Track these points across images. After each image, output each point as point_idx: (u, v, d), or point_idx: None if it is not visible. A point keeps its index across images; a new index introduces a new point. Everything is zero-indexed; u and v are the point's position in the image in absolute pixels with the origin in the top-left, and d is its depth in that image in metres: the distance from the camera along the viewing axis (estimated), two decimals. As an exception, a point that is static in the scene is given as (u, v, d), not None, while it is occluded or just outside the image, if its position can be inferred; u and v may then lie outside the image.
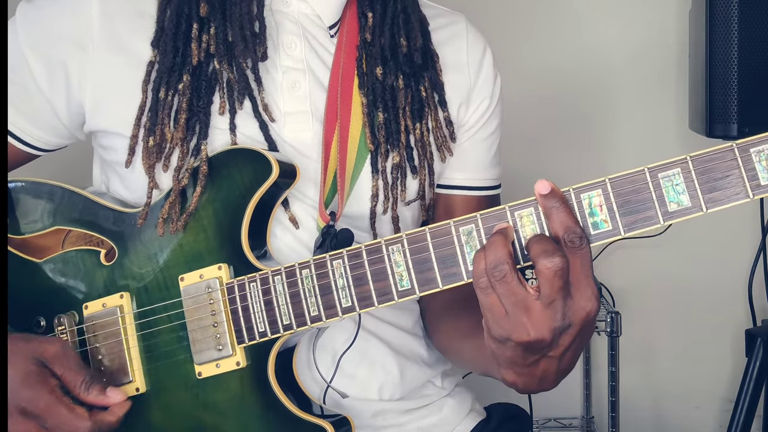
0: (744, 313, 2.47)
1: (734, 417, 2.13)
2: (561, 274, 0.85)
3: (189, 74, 1.09)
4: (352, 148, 1.13)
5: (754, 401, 2.14)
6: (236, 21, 1.09)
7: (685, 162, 0.85)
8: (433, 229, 0.94)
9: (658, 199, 0.85)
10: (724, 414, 2.45)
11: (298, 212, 1.12)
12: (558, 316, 0.87)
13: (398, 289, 0.96)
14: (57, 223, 1.15)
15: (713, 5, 2.02)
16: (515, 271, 0.87)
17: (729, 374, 2.52)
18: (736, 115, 2.01)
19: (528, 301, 0.87)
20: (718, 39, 2.01)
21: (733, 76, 2.00)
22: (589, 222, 0.88)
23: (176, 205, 1.08)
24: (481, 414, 1.30)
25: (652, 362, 2.57)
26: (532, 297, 0.87)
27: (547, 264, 0.85)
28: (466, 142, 1.25)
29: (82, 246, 1.14)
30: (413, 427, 1.23)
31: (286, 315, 1.01)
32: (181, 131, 1.09)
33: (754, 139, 0.82)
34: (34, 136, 1.18)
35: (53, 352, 1.04)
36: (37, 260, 1.16)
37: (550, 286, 0.86)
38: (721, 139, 2.07)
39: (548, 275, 0.85)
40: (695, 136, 2.22)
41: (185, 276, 1.07)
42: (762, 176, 0.82)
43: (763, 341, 2.11)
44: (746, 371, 2.14)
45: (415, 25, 1.19)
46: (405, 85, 1.17)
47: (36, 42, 1.13)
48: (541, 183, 0.88)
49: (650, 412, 2.58)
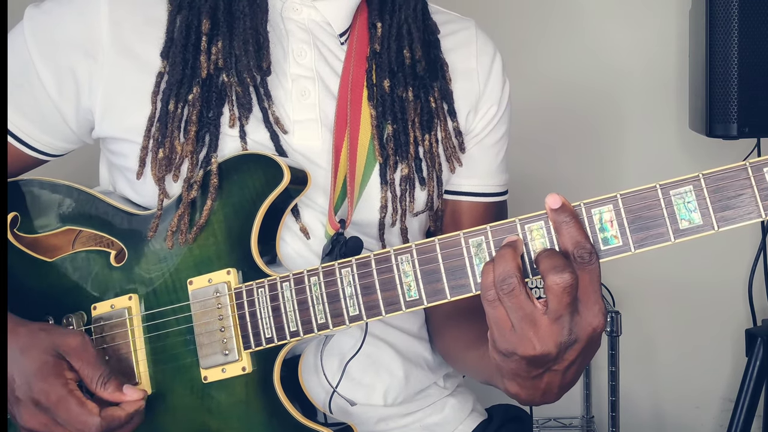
0: (744, 313, 2.48)
1: (734, 417, 2.14)
2: (570, 290, 0.85)
3: (199, 86, 1.09)
4: (361, 156, 1.13)
5: (754, 401, 2.15)
6: (240, 35, 1.09)
7: (698, 180, 0.84)
8: (442, 240, 0.94)
9: (670, 216, 0.85)
10: (724, 414, 2.46)
11: (307, 219, 1.12)
12: (565, 331, 0.87)
13: (406, 299, 0.96)
14: (68, 223, 1.15)
15: (713, 5, 2.02)
16: (524, 285, 0.87)
17: (729, 374, 2.53)
18: (736, 115, 2.01)
19: (535, 315, 0.87)
20: (718, 39, 2.01)
21: (733, 76, 2.01)
22: (599, 237, 0.88)
23: (185, 217, 1.07)
24: (482, 415, 1.31)
25: (652, 362, 2.57)
26: (539, 311, 0.87)
27: (557, 280, 0.85)
28: (473, 148, 1.24)
29: (92, 247, 1.14)
30: (416, 426, 1.23)
31: (294, 322, 1.01)
32: (191, 144, 1.08)
33: (767, 159, 0.82)
34: (43, 142, 1.17)
35: (73, 345, 1.04)
36: (47, 259, 1.16)
37: (558, 302, 0.86)
38: (721, 138, 2.09)
39: (557, 291, 0.85)
40: (695, 135, 2.23)
41: (194, 279, 1.07)
42: (775, 196, 0.82)
43: (763, 341, 2.12)
44: (746, 371, 2.15)
45: (422, 36, 1.18)
46: (414, 96, 1.16)
47: (44, 48, 1.12)
48: (551, 197, 0.88)
49: (650, 412, 2.58)
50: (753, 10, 1.99)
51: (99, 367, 1.03)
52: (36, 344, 1.03)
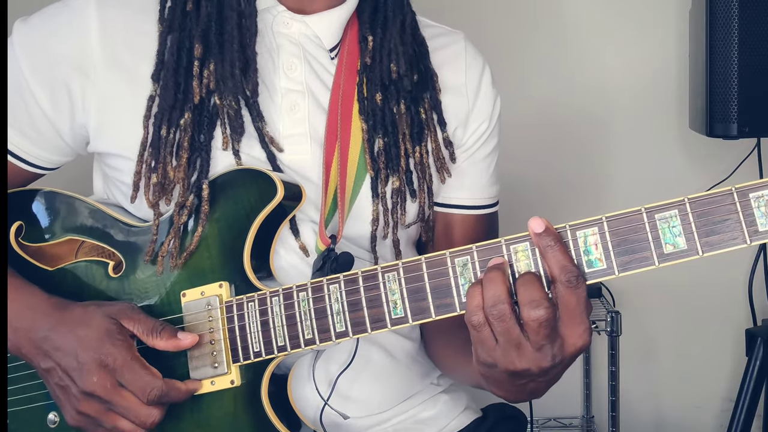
0: (744, 313, 2.47)
1: (734, 417, 2.14)
2: (546, 324, 0.86)
3: (191, 111, 1.09)
4: (351, 170, 1.13)
5: (755, 401, 2.14)
6: (228, 58, 1.08)
7: (683, 204, 0.84)
8: (429, 258, 0.94)
9: (654, 240, 0.85)
10: (724, 414, 2.45)
11: (301, 234, 1.13)
12: (548, 357, 0.88)
13: (392, 316, 0.96)
14: (71, 233, 1.16)
15: (713, 5, 2.01)
16: (514, 311, 0.87)
17: (729, 374, 2.51)
18: (736, 114, 2.01)
19: (521, 340, 0.88)
20: (718, 39, 2.01)
21: (733, 76, 2.00)
22: (583, 260, 0.88)
23: (176, 241, 1.08)
24: (477, 412, 1.32)
25: (652, 362, 2.57)
26: (524, 337, 0.87)
27: (532, 315, 0.86)
28: (464, 162, 1.24)
29: (94, 257, 1.15)
30: (410, 422, 1.24)
31: (281, 336, 1.02)
32: (183, 170, 1.09)
33: (753, 185, 0.81)
34: (39, 157, 1.17)
35: (122, 308, 1.07)
36: (48, 268, 1.17)
37: (536, 335, 0.87)
38: (721, 138, 2.09)
39: (533, 326, 0.86)
40: (695, 135, 2.22)
41: (187, 292, 1.08)
42: (760, 222, 0.81)
43: (763, 341, 2.11)
44: (746, 371, 2.14)
45: (412, 49, 1.18)
46: (406, 109, 1.16)
47: (36, 65, 1.12)
48: (535, 221, 0.88)
49: (650, 411, 2.58)
50: (753, 10, 1.99)
51: (150, 321, 1.06)
52: (93, 315, 1.06)
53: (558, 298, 0.87)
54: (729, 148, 2.30)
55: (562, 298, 0.87)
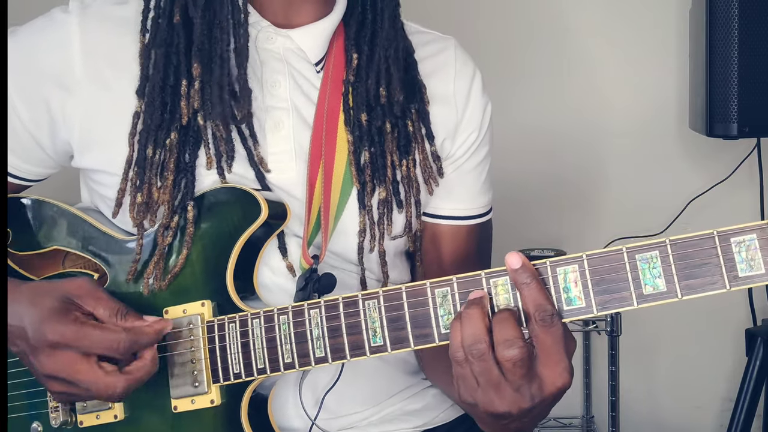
0: (744, 313, 2.46)
1: (734, 417, 2.14)
2: (521, 364, 0.85)
3: (177, 131, 1.06)
4: (336, 186, 1.11)
5: (755, 401, 2.15)
6: (216, 80, 1.05)
7: (664, 245, 0.83)
8: (409, 288, 0.94)
9: (634, 280, 0.84)
10: (724, 414, 2.44)
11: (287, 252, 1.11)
12: (526, 398, 0.88)
13: (371, 344, 0.96)
14: (56, 243, 1.15)
15: (713, 5, 2.01)
16: (492, 351, 0.87)
17: (729, 374, 2.51)
18: (736, 114, 2.01)
19: (500, 381, 0.87)
20: (718, 39, 2.01)
21: (733, 76, 2.01)
22: (563, 297, 0.87)
23: (160, 263, 1.07)
24: None
25: (652, 362, 2.57)
26: (503, 377, 0.87)
27: (506, 355, 0.85)
28: (452, 173, 1.21)
29: (79, 268, 1.14)
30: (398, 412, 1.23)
31: (261, 359, 1.01)
32: (168, 192, 1.07)
33: (734, 229, 0.80)
34: (22, 170, 1.16)
35: (83, 287, 1.03)
36: (34, 278, 1.16)
37: (512, 375, 0.86)
38: (721, 138, 2.09)
39: (508, 366, 0.86)
40: (695, 135, 2.21)
41: (169, 309, 1.07)
42: (740, 267, 0.80)
43: (763, 341, 2.11)
44: (746, 371, 2.14)
45: (401, 74, 1.14)
46: (392, 126, 1.13)
47: (18, 79, 1.10)
48: (512, 256, 0.87)
49: (650, 411, 2.58)
50: (753, 10, 1.99)
51: (113, 303, 1.03)
52: (42, 293, 1.03)
53: (533, 336, 0.86)
54: (729, 148, 2.29)
55: (537, 337, 0.86)
